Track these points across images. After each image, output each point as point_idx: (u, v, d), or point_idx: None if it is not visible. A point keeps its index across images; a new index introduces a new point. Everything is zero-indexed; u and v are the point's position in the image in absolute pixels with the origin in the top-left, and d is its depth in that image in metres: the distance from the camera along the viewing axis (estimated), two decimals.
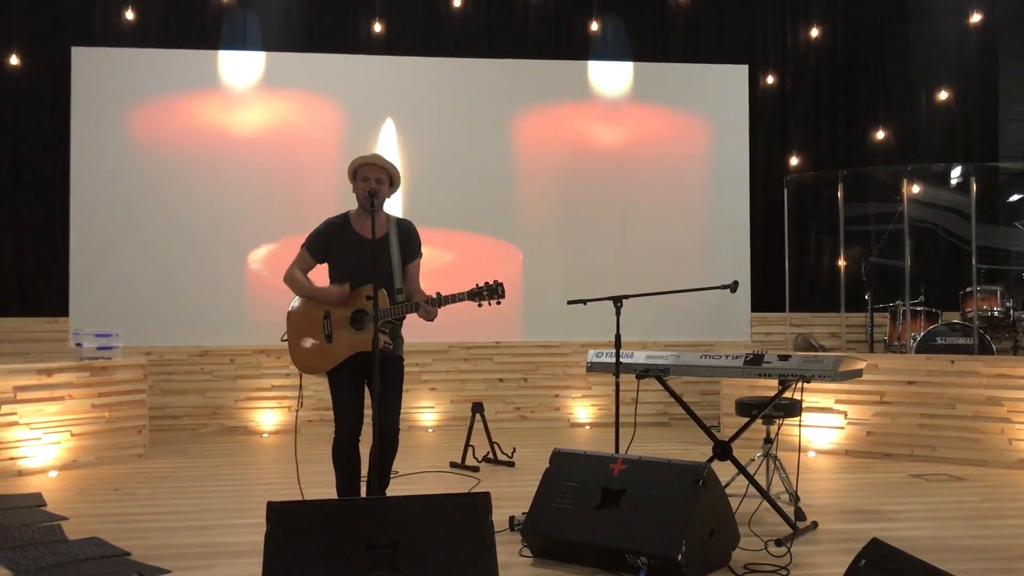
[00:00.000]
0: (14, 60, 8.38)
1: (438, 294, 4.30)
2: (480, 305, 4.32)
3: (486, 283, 4.30)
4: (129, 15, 8.50)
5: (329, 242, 4.48)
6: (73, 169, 8.38)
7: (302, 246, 4.54)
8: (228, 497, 5.63)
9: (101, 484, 5.99)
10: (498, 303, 4.30)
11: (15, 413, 6.24)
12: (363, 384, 4.45)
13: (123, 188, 8.41)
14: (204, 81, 8.58)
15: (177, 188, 8.47)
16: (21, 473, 6.23)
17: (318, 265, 4.56)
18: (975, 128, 9.48)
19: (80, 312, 8.25)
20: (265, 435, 8.23)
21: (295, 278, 4.50)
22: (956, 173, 8.87)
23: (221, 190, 8.52)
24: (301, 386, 4.75)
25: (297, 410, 8.11)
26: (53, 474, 6.31)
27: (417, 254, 4.58)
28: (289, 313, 4.52)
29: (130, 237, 8.38)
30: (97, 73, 8.43)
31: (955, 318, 8.07)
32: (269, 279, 8.34)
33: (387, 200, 4.53)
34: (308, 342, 4.42)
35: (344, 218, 4.54)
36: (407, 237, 4.53)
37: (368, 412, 4.37)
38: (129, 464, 6.72)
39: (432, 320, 4.34)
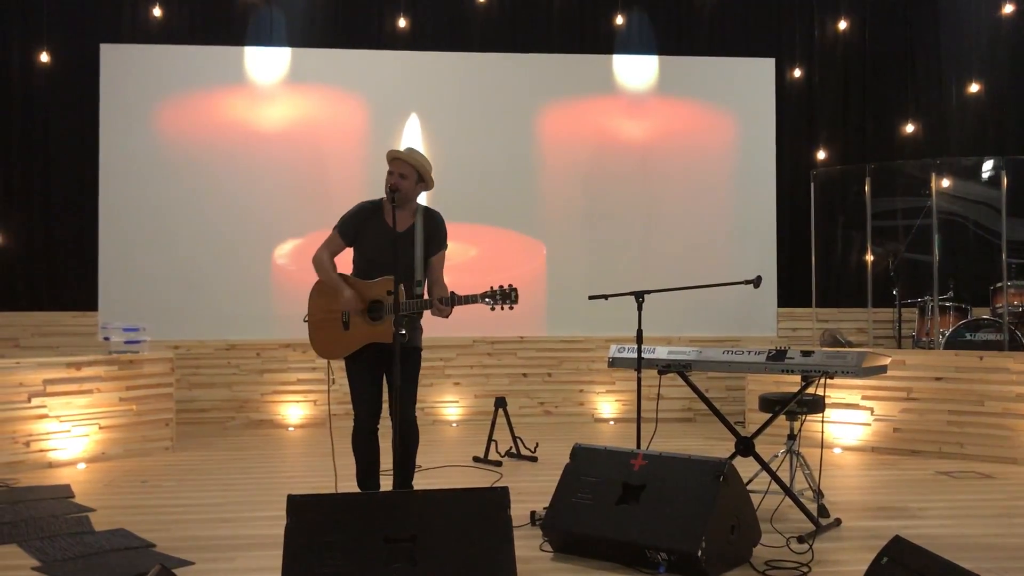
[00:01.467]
0: (44, 58, 8.48)
1: (452, 294, 4.31)
2: (493, 309, 4.31)
3: (500, 287, 4.30)
4: (156, 12, 8.58)
5: (359, 226, 4.52)
6: (102, 165, 8.48)
7: (334, 227, 4.60)
8: (252, 490, 5.67)
9: (128, 476, 6.07)
10: (511, 308, 4.29)
11: (45, 406, 6.34)
12: (381, 373, 4.49)
13: (151, 184, 8.49)
14: (231, 77, 8.65)
15: (204, 183, 8.55)
16: (51, 465, 6.32)
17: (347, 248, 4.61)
18: (1007, 121, 9.33)
19: (109, 306, 8.35)
20: (291, 428, 8.29)
21: (321, 261, 4.57)
22: (987, 167, 8.74)
23: (247, 185, 8.58)
24: (329, 367, 4.77)
25: (328, 390, 8.16)
26: (82, 466, 6.39)
27: (442, 246, 4.59)
28: (311, 295, 4.60)
29: (158, 232, 8.47)
30: (125, 70, 8.52)
31: (985, 314, 7.97)
32: (295, 273, 8.39)
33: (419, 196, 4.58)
34: (326, 326, 4.49)
35: (377, 204, 4.58)
36: (434, 228, 4.54)
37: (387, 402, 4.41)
38: (156, 457, 6.80)
39: (446, 318, 4.37)
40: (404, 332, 4.32)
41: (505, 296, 4.28)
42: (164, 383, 7.06)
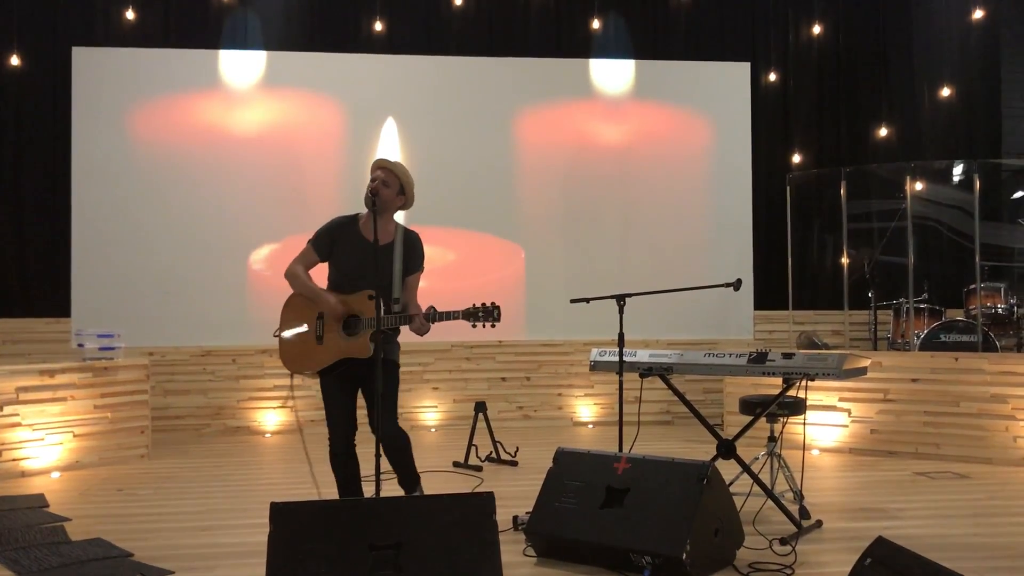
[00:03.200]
0: (15, 60, 8.37)
1: (433, 309, 4.23)
2: (474, 326, 4.26)
3: (483, 304, 4.24)
4: (130, 15, 8.49)
5: (334, 241, 4.45)
6: (74, 169, 8.37)
7: (308, 242, 4.49)
8: (231, 498, 5.62)
9: (104, 485, 5.98)
10: (492, 326, 4.24)
11: (18, 414, 6.24)
12: (355, 389, 4.41)
13: (124, 188, 8.40)
14: (205, 81, 8.57)
15: (179, 188, 8.47)
16: (24, 474, 6.22)
17: (320, 263, 4.53)
18: (978, 125, 9.46)
19: (82, 312, 8.25)
20: (268, 435, 8.22)
21: (296, 274, 4.43)
22: (959, 170, 8.85)
23: (223, 190, 8.51)
24: (292, 385, 4.71)
25: (294, 408, 8.11)
26: (56, 475, 6.30)
27: (419, 267, 4.52)
28: (284, 308, 4.47)
29: (132, 237, 8.37)
30: (98, 73, 8.42)
31: (959, 315, 8.05)
32: (271, 279, 8.33)
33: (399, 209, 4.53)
34: (298, 340, 4.37)
35: (352, 219, 4.49)
36: (411, 249, 4.47)
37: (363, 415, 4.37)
38: (132, 465, 6.72)
39: (423, 335, 4.28)
40: (375, 347, 4.25)
41: (487, 314, 4.23)
42: (139, 390, 6.97)
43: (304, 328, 4.36)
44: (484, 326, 4.23)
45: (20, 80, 8.46)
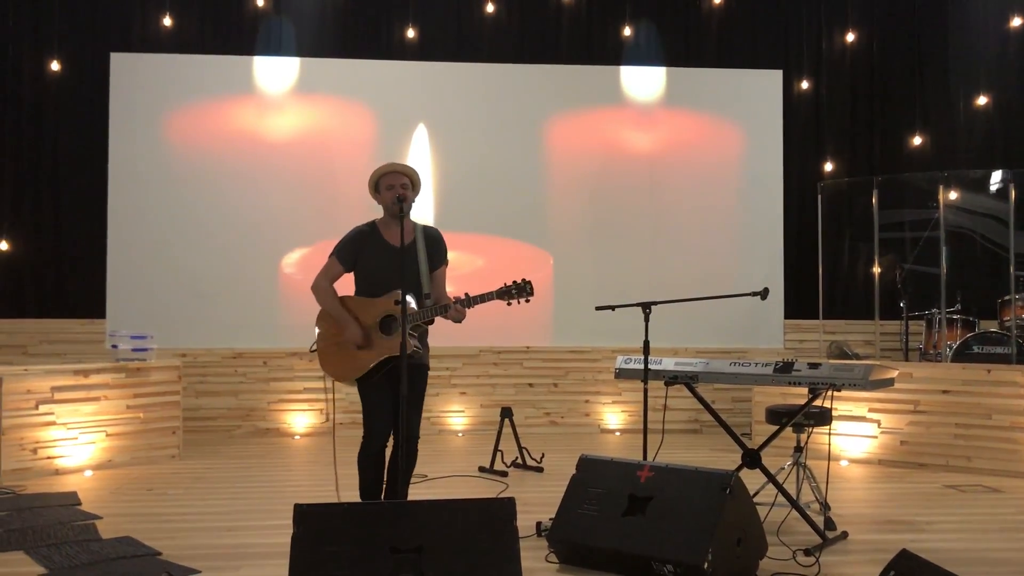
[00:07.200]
0: (54, 66, 8.53)
1: (467, 295, 4.29)
2: (509, 304, 4.31)
3: (514, 281, 4.30)
4: (167, 21, 8.62)
5: (359, 250, 4.50)
6: (111, 173, 8.51)
7: (331, 255, 4.54)
8: (259, 499, 5.68)
9: (135, 484, 6.08)
10: (527, 301, 4.29)
11: (52, 413, 6.36)
12: (394, 390, 4.42)
13: (160, 192, 8.53)
14: (240, 87, 8.69)
15: (212, 192, 8.58)
16: (58, 472, 6.34)
17: (346, 273, 4.58)
18: (1015, 134, 9.31)
19: (116, 314, 8.38)
20: (297, 437, 8.30)
21: (325, 291, 4.49)
22: (995, 179, 8.72)
23: (255, 194, 8.61)
24: (334, 393, 4.71)
25: (333, 416, 8.16)
26: (88, 473, 6.41)
27: (443, 261, 4.59)
28: (318, 322, 4.52)
29: (166, 240, 8.50)
30: (135, 79, 8.56)
31: (992, 327, 7.94)
32: (302, 283, 8.37)
33: (413, 204, 4.58)
34: (337, 349, 4.41)
35: (372, 226, 4.57)
36: (434, 244, 4.54)
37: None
38: (163, 465, 6.81)
39: (461, 321, 4.34)
40: (418, 346, 4.30)
41: (520, 290, 4.28)
42: (171, 391, 7.08)
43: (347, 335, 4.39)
44: (519, 302, 4.28)
45: (59, 85, 8.61)
